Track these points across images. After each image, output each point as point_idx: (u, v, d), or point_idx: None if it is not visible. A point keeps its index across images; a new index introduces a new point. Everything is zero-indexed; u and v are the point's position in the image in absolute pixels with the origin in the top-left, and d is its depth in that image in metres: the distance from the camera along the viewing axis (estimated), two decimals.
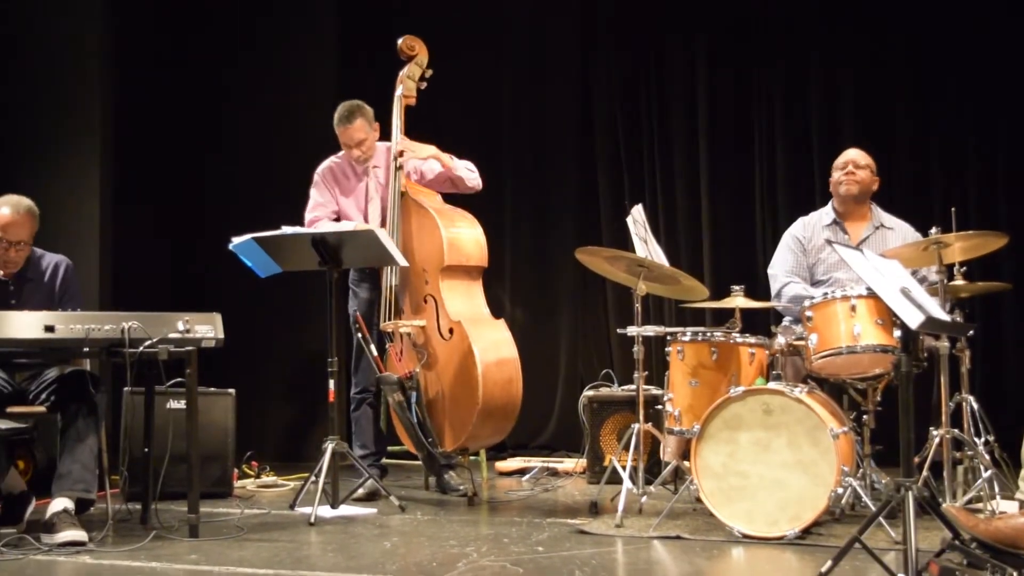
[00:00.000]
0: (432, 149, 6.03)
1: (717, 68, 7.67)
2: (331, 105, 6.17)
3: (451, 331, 5.68)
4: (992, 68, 6.99)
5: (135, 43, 7.64)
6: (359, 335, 5.77)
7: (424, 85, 6.16)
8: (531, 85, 8.20)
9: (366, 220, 6.01)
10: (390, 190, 5.97)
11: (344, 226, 5.93)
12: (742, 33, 7.64)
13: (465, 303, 5.81)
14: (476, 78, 8.00)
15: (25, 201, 5.09)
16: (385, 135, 6.13)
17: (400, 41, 6.14)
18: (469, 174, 6.06)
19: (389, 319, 5.85)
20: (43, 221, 5.24)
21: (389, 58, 6.29)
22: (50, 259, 5.29)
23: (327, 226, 5.93)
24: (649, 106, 7.86)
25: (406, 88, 6.13)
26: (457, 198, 6.12)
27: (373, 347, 5.75)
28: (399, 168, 5.94)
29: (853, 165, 5.60)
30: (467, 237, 5.87)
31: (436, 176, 6.06)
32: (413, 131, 6.10)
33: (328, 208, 6.07)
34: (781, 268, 5.69)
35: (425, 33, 6.21)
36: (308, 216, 6.05)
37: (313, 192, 6.12)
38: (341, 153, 6.12)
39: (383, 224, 5.94)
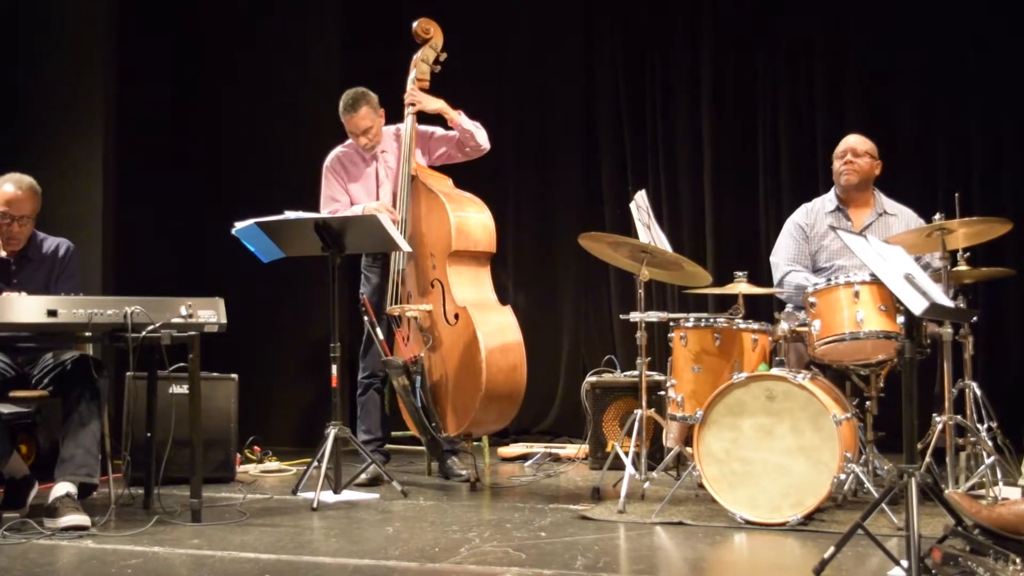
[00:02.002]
0: (441, 103, 6.03)
1: (721, 53, 7.65)
2: (335, 88, 6.16)
3: (456, 316, 5.68)
4: (997, 53, 6.96)
5: (139, 28, 7.62)
6: (366, 319, 5.77)
7: (438, 68, 6.15)
8: (533, 69, 8.19)
9: None
10: (400, 173, 5.97)
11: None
12: (746, 18, 7.62)
13: (472, 289, 5.80)
14: (477, 63, 7.98)
15: (27, 178, 5.11)
16: (394, 119, 6.12)
17: (415, 24, 6.13)
18: (477, 130, 6.07)
19: (396, 303, 5.85)
20: (47, 206, 5.25)
21: (393, 39, 6.27)
22: (53, 241, 5.29)
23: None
24: (653, 92, 7.85)
25: (420, 71, 6.12)
26: (462, 181, 6.10)
27: (380, 331, 5.75)
28: (411, 115, 6.00)
29: (852, 154, 5.57)
30: (475, 222, 5.87)
31: (445, 138, 6.08)
32: (420, 117, 6.10)
33: (341, 200, 6.06)
34: (783, 256, 5.68)
35: (427, 14, 6.18)
36: (324, 212, 6.02)
37: (323, 186, 6.12)
38: (348, 141, 6.12)
39: (393, 205, 5.94)
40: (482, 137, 6.09)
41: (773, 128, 7.51)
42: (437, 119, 6.14)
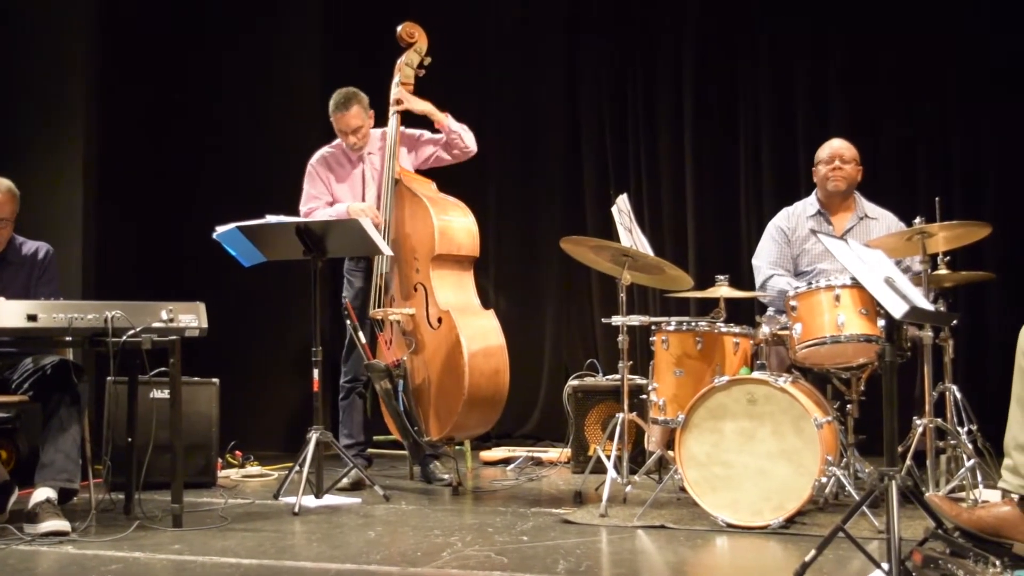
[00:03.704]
0: (428, 105, 6.03)
1: (704, 57, 7.66)
2: (317, 92, 6.16)
3: (439, 320, 5.68)
4: (976, 59, 6.99)
5: (121, 33, 7.59)
6: (348, 322, 5.76)
7: (422, 72, 6.15)
8: (517, 73, 8.20)
9: None
10: (385, 160, 5.96)
11: (328, 214, 5.92)
12: (729, 22, 7.63)
13: (455, 292, 5.81)
14: (461, 67, 7.98)
15: (5, 181, 5.10)
16: (380, 122, 6.11)
17: (400, 28, 6.12)
18: (464, 132, 6.07)
19: (379, 306, 5.85)
20: (26, 211, 5.24)
21: (375, 45, 6.25)
22: (32, 245, 5.27)
23: (316, 215, 5.93)
24: (635, 96, 7.86)
25: (404, 75, 6.11)
26: (444, 184, 6.10)
27: (363, 334, 5.74)
28: (396, 115, 5.98)
29: (840, 160, 5.59)
30: (459, 226, 5.87)
31: (432, 139, 6.08)
32: (407, 120, 6.10)
33: (322, 199, 6.05)
34: (765, 259, 5.70)
35: (410, 19, 6.18)
36: (303, 209, 6.03)
37: (306, 184, 6.10)
38: (335, 142, 6.11)
39: (377, 207, 5.93)
40: (470, 139, 6.10)
41: (755, 132, 7.52)
42: (424, 122, 6.14)
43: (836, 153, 5.60)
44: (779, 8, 7.49)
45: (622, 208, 5.33)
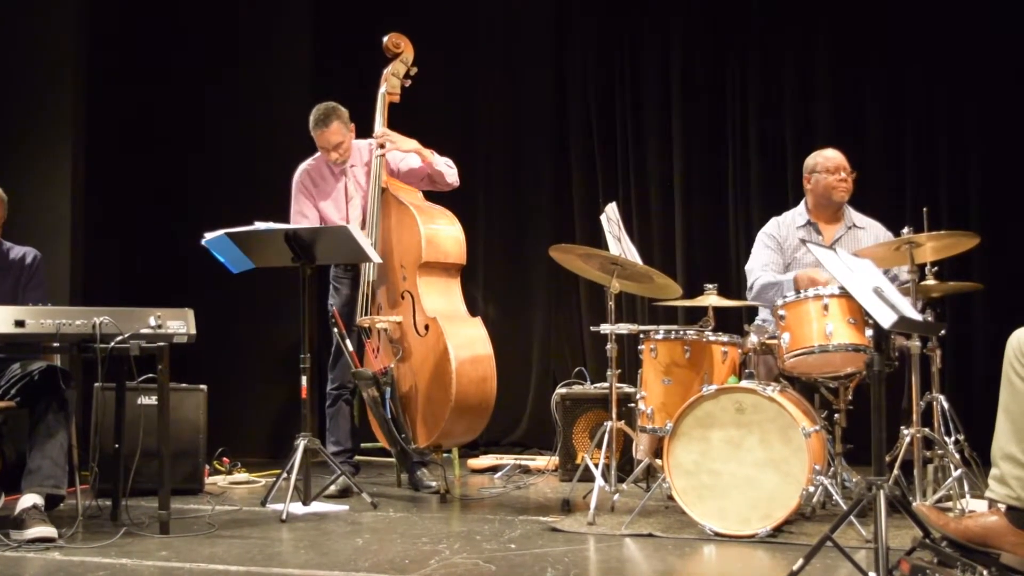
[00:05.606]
0: (414, 143, 6.01)
1: (692, 67, 7.68)
2: (307, 100, 6.14)
3: (427, 327, 5.68)
4: (964, 69, 7.02)
5: (110, 39, 7.59)
6: (336, 330, 5.76)
7: (409, 83, 6.14)
8: (505, 82, 8.20)
9: (347, 221, 5.98)
10: (371, 186, 5.96)
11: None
12: (717, 33, 7.65)
13: (442, 300, 5.81)
14: (449, 75, 7.98)
15: None
16: (364, 133, 6.11)
17: (386, 39, 6.11)
18: (448, 170, 6.05)
19: (366, 314, 5.85)
20: (14, 216, 5.22)
21: (363, 55, 6.25)
22: (19, 250, 5.26)
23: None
24: (624, 104, 7.86)
25: (390, 85, 6.10)
26: (431, 194, 6.11)
27: (350, 342, 5.74)
28: (381, 156, 5.93)
29: (845, 171, 5.62)
30: (446, 234, 5.88)
31: (413, 172, 6.05)
32: (391, 129, 6.08)
33: (310, 219, 6.04)
34: (757, 263, 5.69)
35: (398, 30, 6.18)
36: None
37: (293, 201, 6.10)
38: (317, 155, 6.09)
39: (363, 221, 5.93)
40: (452, 177, 6.07)
41: (743, 142, 7.53)
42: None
43: (841, 164, 5.63)
44: (766, 21, 7.50)
45: (611, 216, 5.33)
